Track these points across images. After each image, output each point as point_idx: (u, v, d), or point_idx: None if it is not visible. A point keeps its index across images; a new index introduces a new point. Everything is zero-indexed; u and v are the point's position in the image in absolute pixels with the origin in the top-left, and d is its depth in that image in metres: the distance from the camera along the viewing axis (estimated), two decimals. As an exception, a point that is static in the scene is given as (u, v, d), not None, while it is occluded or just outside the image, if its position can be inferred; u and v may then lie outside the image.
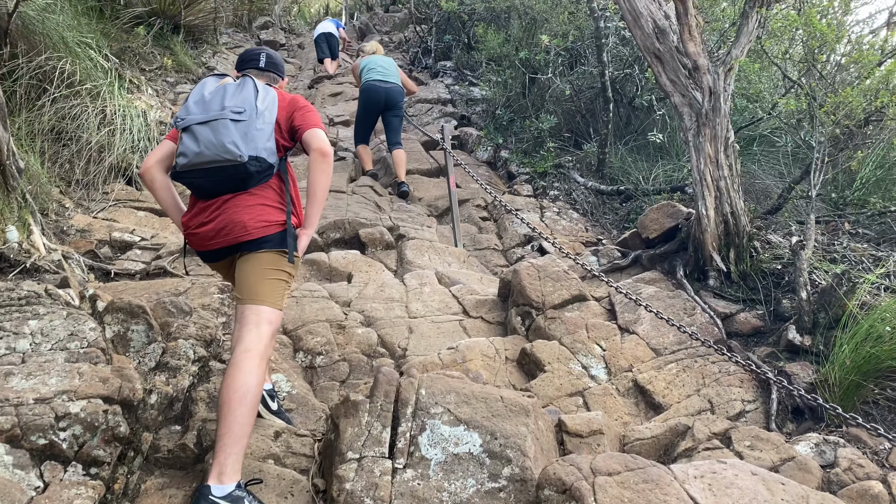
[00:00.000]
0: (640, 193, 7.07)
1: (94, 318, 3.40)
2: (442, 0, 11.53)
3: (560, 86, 8.61)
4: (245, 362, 2.55)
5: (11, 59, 5.53)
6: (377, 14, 19.06)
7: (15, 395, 2.66)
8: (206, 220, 2.73)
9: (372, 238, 5.80)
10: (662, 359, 4.04)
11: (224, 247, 2.75)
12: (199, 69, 10.06)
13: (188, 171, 2.68)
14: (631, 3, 4.45)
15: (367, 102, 7.57)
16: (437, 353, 3.95)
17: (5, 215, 3.89)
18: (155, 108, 6.98)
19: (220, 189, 2.72)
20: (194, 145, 2.64)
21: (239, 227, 2.68)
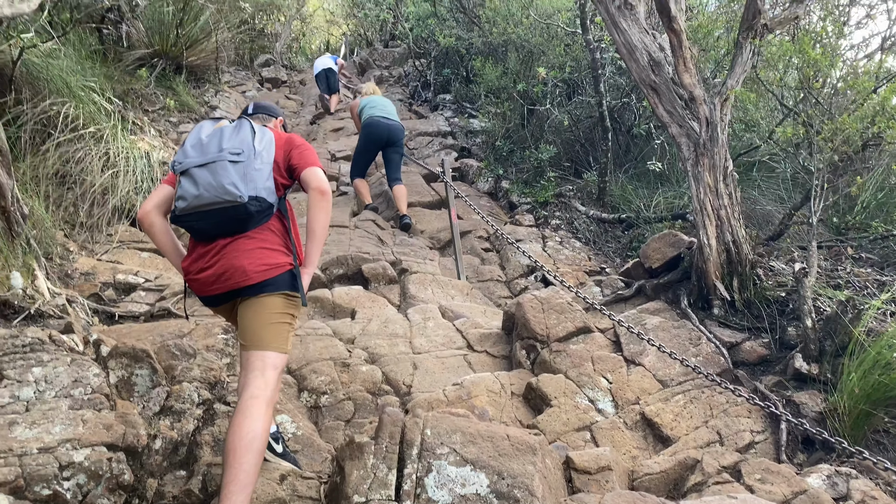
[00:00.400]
0: (642, 221, 7.08)
1: (98, 364, 3.40)
2: (440, 36, 11.68)
3: (558, 116, 8.69)
4: (251, 408, 2.53)
5: (16, 104, 5.60)
6: (376, 49, 19.31)
7: (19, 445, 2.65)
8: (205, 265, 2.72)
9: (375, 273, 5.80)
10: (669, 390, 4.01)
11: (224, 292, 2.74)
12: (201, 108, 10.16)
13: (187, 214, 2.67)
14: (625, 37, 4.50)
15: (370, 137, 7.67)
16: (442, 390, 3.92)
17: (10, 261, 3.91)
18: (158, 148, 7.04)
19: (219, 231, 2.72)
20: (193, 188, 2.64)
21: (239, 273, 2.67)
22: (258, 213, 2.70)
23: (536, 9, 9.54)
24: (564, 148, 9.01)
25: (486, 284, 6.45)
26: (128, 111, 7.52)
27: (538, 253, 6.89)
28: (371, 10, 15.52)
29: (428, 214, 8.11)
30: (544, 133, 9.08)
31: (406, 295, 5.61)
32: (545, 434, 3.61)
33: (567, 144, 9.08)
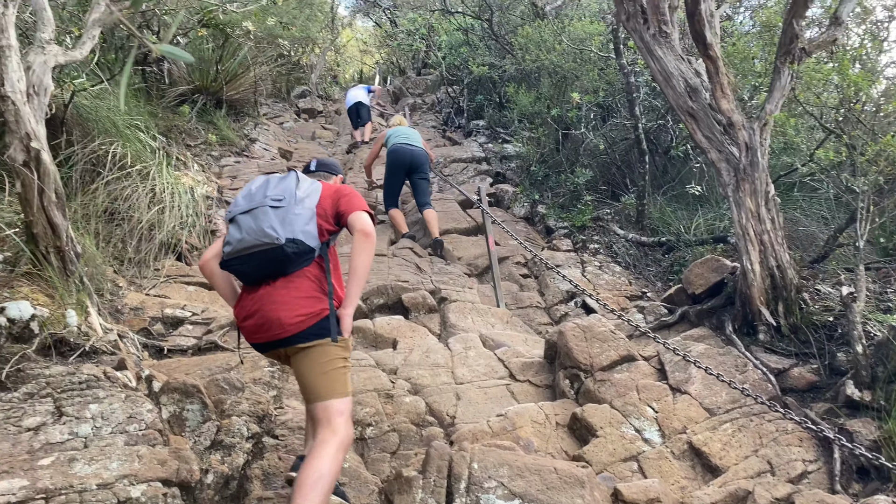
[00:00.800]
0: (683, 244, 7.02)
1: (150, 400, 3.48)
2: (473, 65, 11.80)
3: (594, 140, 8.69)
4: (321, 450, 2.63)
5: (67, 146, 5.80)
6: (409, 77, 19.56)
7: (79, 482, 2.73)
8: (249, 313, 2.87)
9: (415, 302, 5.85)
10: (717, 419, 3.96)
11: (262, 342, 2.89)
12: (241, 141, 10.40)
13: (232, 258, 2.84)
14: (661, 64, 4.52)
15: (394, 163, 7.94)
16: (486, 421, 3.93)
17: (65, 300, 4.04)
18: (201, 183, 7.22)
19: (261, 274, 2.85)
20: (237, 233, 2.83)
21: (276, 325, 2.78)
22: (296, 254, 2.81)
23: (569, 34, 9.59)
24: (601, 171, 9.01)
25: (525, 311, 6.45)
26: (171, 147, 7.73)
27: (578, 278, 6.87)
28: (404, 39, 15.75)
29: (465, 241, 8.15)
30: (580, 157, 9.09)
31: (446, 324, 5.64)
32: (591, 465, 3.59)
33: (603, 167, 9.08)
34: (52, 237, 4.07)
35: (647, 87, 8.56)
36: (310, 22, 15.54)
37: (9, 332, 3.56)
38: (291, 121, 14.66)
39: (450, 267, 7.20)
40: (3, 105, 3.78)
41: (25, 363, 3.45)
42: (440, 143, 13.02)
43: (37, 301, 3.83)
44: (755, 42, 7.49)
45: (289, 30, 11.67)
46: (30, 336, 3.65)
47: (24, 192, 3.92)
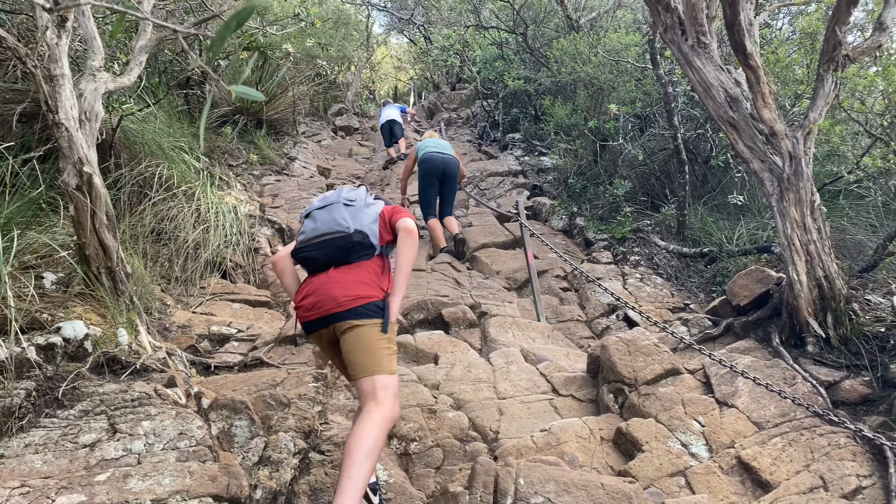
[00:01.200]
0: (725, 255, 6.92)
1: (200, 416, 3.55)
2: (508, 79, 11.84)
3: (632, 151, 8.64)
4: (365, 420, 2.84)
5: (116, 169, 5.98)
6: (444, 93, 19.70)
7: (134, 497, 2.80)
8: (308, 293, 3.17)
9: (455, 317, 5.87)
10: (766, 433, 3.88)
11: (317, 318, 3.11)
12: (281, 160, 10.58)
13: (305, 245, 3.25)
14: (700, 75, 4.48)
15: (427, 171, 8.09)
16: (530, 436, 3.92)
17: (116, 319, 4.15)
18: (244, 202, 7.37)
19: (328, 259, 3.20)
20: (313, 223, 3.28)
21: (331, 301, 3.06)
22: (360, 244, 3.19)
23: (604, 46, 9.57)
24: (640, 182, 8.94)
25: (566, 325, 6.42)
26: (214, 167, 7.91)
27: (619, 291, 6.82)
28: (438, 55, 15.87)
29: (503, 255, 8.15)
30: (618, 168, 9.04)
31: (487, 338, 5.64)
32: (638, 480, 3.55)
33: (642, 178, 9.01)
34: (103, 258, 4.19)
35: (685, 97, 8.49)
36: (346, 41, 15.78)
37: (64, 352, 3.68)
38: (329, 138, 14.87)
39: (489, 281, 7.21)
40: (57, 132, 3.92)
41: (80, 381, 3.55)
42: (476, 156, 13.07)
43: (90, 321, 3.94)
44: (796, 49, 7.39)
45: (327, 50, 11.86)
46: (84, 355, 3.76)
47: (77, 215, 4.05)
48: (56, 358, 3.62)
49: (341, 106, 18.34)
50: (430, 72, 22.08)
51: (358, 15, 21.02)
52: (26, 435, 3.12)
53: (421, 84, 23.16)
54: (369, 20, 23.17)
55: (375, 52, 23.51)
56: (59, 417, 3.27)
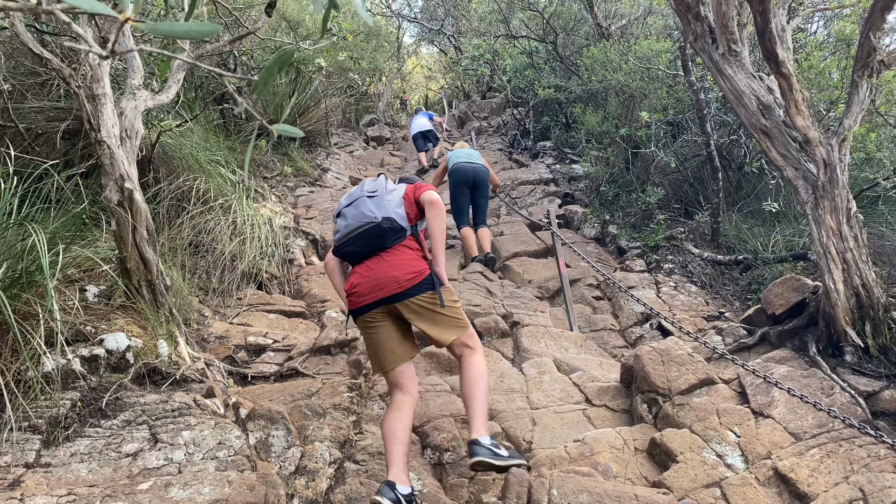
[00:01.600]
0: (761, 262, 6.84)
1: (238, 426, 3.63)
2: (538, 88, 11.85)
3: (664, 158, 8.59)
4: (471, 358, 3.44)
5: (155, 183, 6.14)
6: (475, 101, 19.76)
7: (179, 506, 2.87)
8: (358, 280, 3.48)
9: (487, 327, 5.89)
10: (803, 444, 3.83)
11: (377, 300, 3.42)
12: (314, 171, 10.72)
13: (342, 241, 3.56)
14: (732, 83, 4.46)
15: (458, 180, 8.16)
16: (563, 446, 3.92)
17: (157, 331, 4.26)
18: (279, 213, 7.49)
19: (365, 250, 3.50)
20: (344, 221, 3.58)
21: (392, 283, 3.40)
22: (391, 230, 3.49)
23: (635, 53, 9.54)
24: (672, 189, 8.87)
25: (599, 334, 6.40)
26: (250, 180, 8.05)
27: (652, 300, 6.78)
28: (468, 64, 15.95)
29: (535, 264, 8.15)
30: (650, 175, 8.99)
31: (519, 348, 5.65)
32: (672, 491, 3.53)
33: (675, 185, 8.94)
34: (143, 271, 4.31)
35: (717, 103, 8.42)
36: (377, 53, 15.94)
37: (107, 363, 3.78)
38: (361, 149, 15.02)
39: (521, 290, 7.22)
40: (99, 150, 4.05)
41: (123, 392, 3.65)
42: (507, 165, 13.09)
43: (131, 332, 4.05)
44: (831, 53, 7.29)
45: (358, 64, 12.01)
46: (126, 366, 3.86)
47: (119, 230, 4.17)
48: (99, 369, 3.73)
49: (373, 116, 18.52)
50: (461, 81, 22.17)
51: (389, 26, 21.23)
52: (72, 444, 3.22)
53: (451, 93, 23.27)
54: (400, 31, 23.38)
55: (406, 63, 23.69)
56: (102, 427, 3.37)
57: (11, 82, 5.87)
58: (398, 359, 3.48)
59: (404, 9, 24.10)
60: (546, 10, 12.83)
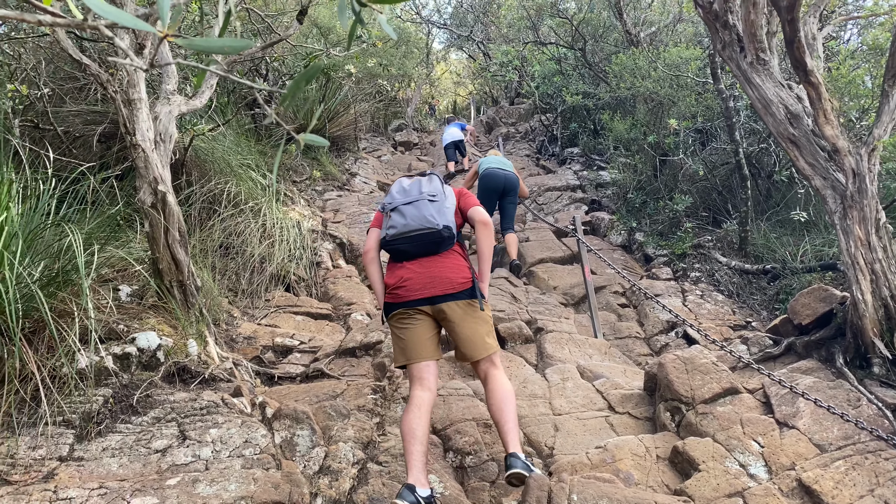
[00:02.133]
0: (789, 271, 6.77)
1: (264, 425, 3.70)
2: (566, 94, 11.85)
3: (692, 166, 8.54)
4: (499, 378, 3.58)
5: (187, 186, 6.27)
6: (503, 107, 19.79)
7: (202, 501, 2.94)
8: (408, 275, 3.58)
9: (511, 332, 5.91)
10: (828, 455, 3.80)
11: (427, 297, 3.55)
12: (343, 176, 10.83)
13: (397, 238, 3.61)
14: (760, 92, 4.44)
15: (487, 186, 8.19)
16: (584, 453, 3.93)
17: (187, 330, 4.36)
18: (307, 217, 7.60)
19: (419, 251, 3.60)
20: (402, 219, 3.62)
21: (447, 283, 3.55)
22: (448, 238, 3.61)
23: (664, 60, 9.50)
24: (701, 197, 8.82)
25: (624, 342, 6.38)
26: (279, 184, 8.18)
27: (678, 308, 6.75)
28: (497, 70, 15.99)
29: (560, 270, 8.15)
30: (678, 183, 8.94)
31: (543, 354, 5.66)
32: (694, 500, 3.52)
33: (703, 193, 8.89)
34: (175, 272, 4.41)
35: (747, 111, 8.36)
36: (406, 59, 16.05)
37: (139, 361, 3.88)
38: (389, 154, 15.13)
39: (545, 296, 7.22)
40: (134, 153, 4.16)
41: (153, 389, 3.75)
42: (534, 171, 13.10)
43: (162, 332, 4.15)
44: (864, 60, 7.21)
45: (388, 70, 12.11)
46: (156, 364, 3.96)
47: (152, 232, 4.28)
48: (131, 367, 3.83)
49: (401, 122, 18.65)
50: (489, 87, 22.23)
51: (418, 33, 21.36)
52: (104, 439, 3.32)
53: (480, 99, 23.33)
54: (429, 37, 23.51)
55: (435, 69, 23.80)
56: (133, 423, 3.46)
57: (51, 86, 6.04)
58: (428, 354, 3.57)
59: (434, 15, 24.25)
60: (575, 17, 12.83)
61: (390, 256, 3.76)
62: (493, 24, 20.34)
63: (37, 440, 3.17)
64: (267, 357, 5.26)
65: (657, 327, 6.59)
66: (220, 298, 5.63)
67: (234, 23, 5.43)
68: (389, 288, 3.65)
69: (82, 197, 4.66)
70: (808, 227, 7.29)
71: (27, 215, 3.96)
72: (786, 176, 7.86)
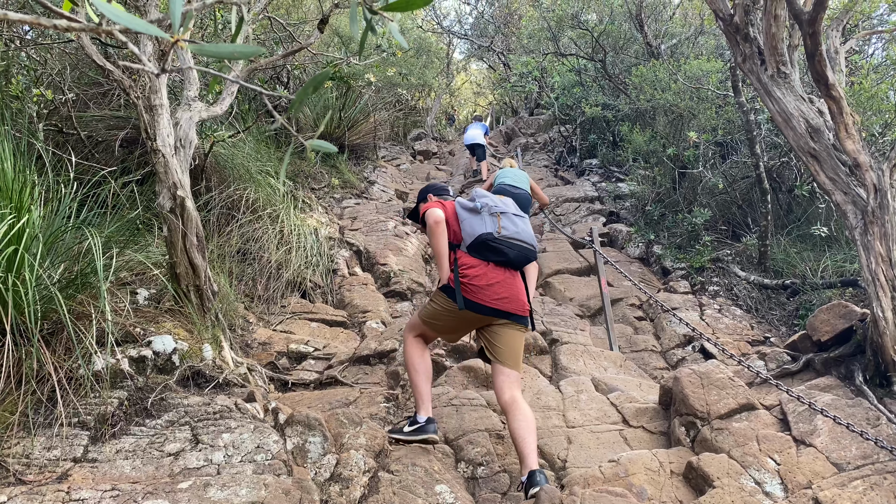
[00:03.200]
0: (809, 287, 6.69)
1: (276, 431, 3.71)
2: (585, 106, 11.83)
3: (712, 179, 8.48)
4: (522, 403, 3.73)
5: (206, 192, 6.32)
6: (522, 118, 19.79)
7: (213, 506, 2.95)
8: (495, 281, 3.72)
9: (525, 344, 5.86)
10: (846, 475, 3.73)
11: (502, 310, 3.71)
12: (361, 184, 10.87)
13: (506, 240, 3.76)
14: (780, 105, 4.41)
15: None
16: (598, 466, 3.89)
17: (202, 335, 4.38)
18: (325, 224, 7.63)
19: (516, 261, 3.78)
20: (513, 226, 3.82)
21: (521, 304, 3.75)
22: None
23: (685, 73, 9.47)
24: (720, 210, 8.75)
25: (640, 355, 6.33)
26: (298, 191, 8.23)
27: (695, 322, 6.69)
28: (517, 81, 16.01)
29: (576, 282, 8.12)
30: (697, 196, 8.88)
31: (557, 366, 5.63)
32: (708, 517, 3.48)
33: (723, 206, 8.82)
34: (192, 277, 4.44)
35: (768, 124, 8.30)
36: (426, 69, 16.11)
37: (154, 364, 3.91)
38: (407, 162, 15.17)
39: (561, 308, 7.19)
40: (154, 158, 4.21)
41: (167, 393, 3.77)
42: (552, 182, 13.07)
43: (178, 336, 4.18)
44: (888, 75, 7.13)
45: (407, 79, 12.16)
46: (171, 368, 3.98)
47: (170, 236, 4.31)
48: (146, 370, 3.86)
49: (420, 131, 18.71)
50: (509, 97, 22.25)
51: (439, 43, 21.46)
52: (118, 441, 3.33)
53: (500, 109, 23.36)
54: (450, 47, 23.60)
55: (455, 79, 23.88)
56: (147, 426, 3.48)
57: (76, 91, 6.13)
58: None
59: (455, 26, 24.34)
60: (595, 28, 12.82)
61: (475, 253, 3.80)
62: (513, 35, 20.39)
63: (52, 441, 3.20)
64: (281, 363, 5.27)
65: (674, 341, 6.53)
66: (236, 304, 5.66)
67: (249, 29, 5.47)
68: (468, 276, 3.73)
69: (103, 201, 4.71)
70: (829, 242, 7.21)
71: (48, 218, 4.02)
72: (807, 190, 7.78)
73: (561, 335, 6.10)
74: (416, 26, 18.98)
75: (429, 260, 9.19)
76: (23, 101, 5.28)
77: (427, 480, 3.71)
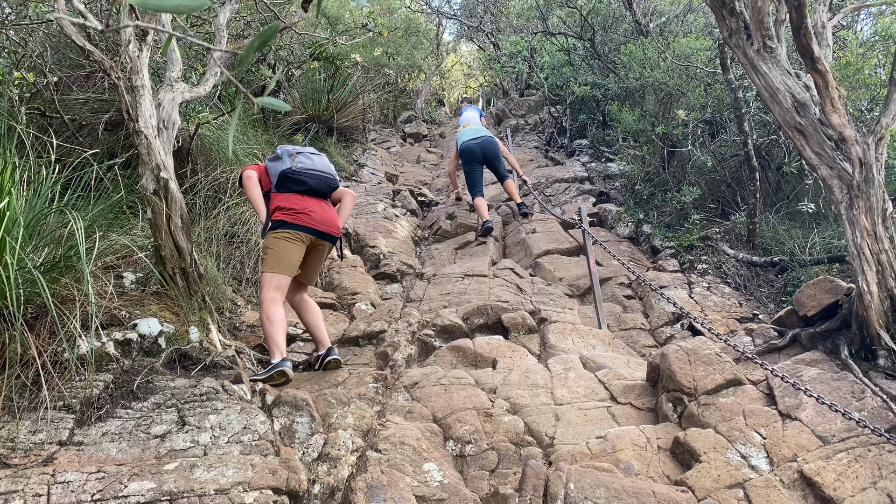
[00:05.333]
0: (797, 264, 6.71)
1: (263, 412, 3.71)
2: (574, 85, 11.78)
3: (701, 157, 8.47)
4: (308, 300, 5.04)
5: (192, 175, 6.27)
6: (513, 99, 19.70)
7: (199, 486, 2.95)
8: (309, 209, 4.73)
9: (514, 323, 5.89)
10: (831, 447, 3.77)
11: (322, 231, 4.79)
12: (350, 166, 10.82)
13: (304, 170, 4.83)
14: (766, 80, 4.39)
15: (469, 159, 8.88)
16: (585, 443, 3.92)
17: (189, 317, 4.36)
18: (312, 207, 7.58)
19: (318, 189, 4.89)
20: (308, 161, 4.90)
21: (335, 227, 4.92)
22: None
23: (673, 51, 9.42)
24: (709, 189, 8.75)
25: (628, 333, 6.36)
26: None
27: (684, 300, 6.71)
28: (506, 62, 15.92)
29: (566, 262, 8.12)
30: (686, 174, 8.87)
31: (546, 345, 5.65)
32: (695, 491, 3.50)
33: (712, 185, 8.81)
34: (178, 259, 4.42)
35: (757, 102, 8.28)
36: (415, 50, 15.99)
37: (140, 347, 3.90)
38: (398, 145, 15.10)
39: (551, 287, 7.20)
40: (136, 139, 4.17)
41: (154, 375, 3.76)
42: (542, 163, 13.04)
43: (164, 318, 4.16)
44: (875, 49, 7.12)
45: (395, 59, 12.07)
46: (157, 350, 3.97)
47: (154, 218, 4.29)
48: (132, 353, 3.85)
49: (410, 113, 18.60)
50: (499, 78, 22.13)
51: (429, 24, 21.29)
52: (103, 424, 3.33)
53: (490, 90, 23.25)
54: (440, 28, 23.43)
55: (445, 60, 23.72)
56: (133, 409, 3.48)
57: (58, 74, 6.06)
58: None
59: (444, 6, 24.15)
60: (584, 7, 12.74)
61: (282, 189, 4.73)
62: (502, 15, 20.24)
63: (37, 424, 3.19)
64: (270, 345, 5.26)
65: (662, 319, 6.56)
66: (224, 287, 5.64)
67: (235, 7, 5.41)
68: (295, 212, 4.61)
69: (86, 184, 4.67)
70: (818, 219, 7.23)
71: (31, 201, 3.98)
72: (795, 168, 7.79)
73: (550, 314, 6.11)
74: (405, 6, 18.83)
75: (418, 242, 9.18)
76: (4, 85, 5.21)
77: (415, 459, 3.72)
